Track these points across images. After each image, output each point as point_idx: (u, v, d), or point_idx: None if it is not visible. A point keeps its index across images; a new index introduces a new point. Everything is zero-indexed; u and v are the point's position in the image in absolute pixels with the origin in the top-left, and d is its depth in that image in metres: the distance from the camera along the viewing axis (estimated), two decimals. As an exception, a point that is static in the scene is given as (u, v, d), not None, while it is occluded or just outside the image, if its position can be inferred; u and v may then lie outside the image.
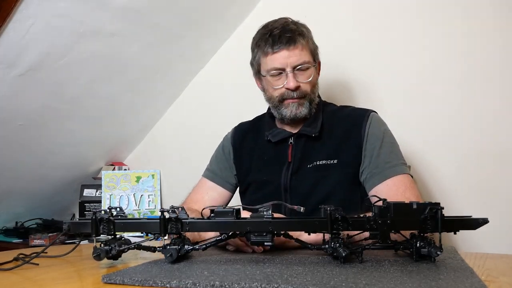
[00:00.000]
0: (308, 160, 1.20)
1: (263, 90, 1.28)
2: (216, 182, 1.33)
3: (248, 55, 1.29)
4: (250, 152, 1.31)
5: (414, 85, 1.63)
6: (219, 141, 1.43)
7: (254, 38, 1.25)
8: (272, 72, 1.19)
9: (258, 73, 1.26)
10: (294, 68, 1.17)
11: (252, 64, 1.28)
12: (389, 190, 1.10)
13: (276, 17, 1.28)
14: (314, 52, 1.23)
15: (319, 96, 1.32)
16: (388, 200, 0.80)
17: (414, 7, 1.63)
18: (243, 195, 1.32)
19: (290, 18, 1.25)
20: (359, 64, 1.72)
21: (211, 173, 1.36)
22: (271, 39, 1.18)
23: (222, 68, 2.03)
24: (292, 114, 1.20)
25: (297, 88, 1.18)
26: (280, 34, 1.17)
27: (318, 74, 1.28)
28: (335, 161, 1.17)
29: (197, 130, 2.10)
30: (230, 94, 2.01)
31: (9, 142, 1.81)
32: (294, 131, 1.25)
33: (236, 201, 1.36)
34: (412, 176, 1.17)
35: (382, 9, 1.68)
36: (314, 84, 1.22)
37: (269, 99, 1.25)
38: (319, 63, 1.29)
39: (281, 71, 1.18)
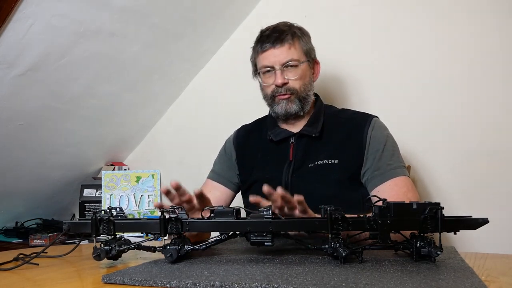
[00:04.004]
0: (309, 159, 1.22)
1: (260, 88, 1.31)
2: (219, 182, 1.36)
3: (248, 55, 1.33)
4: (254, 151, 1.33)
5: (413, 85, 1.62)
6: (219, 140, 1.44)
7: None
8: (263, 69, 1.25)
9: (255, 72, 1.31)
10: (282, 65, 1.21)
11: (251, 62, 1.33)
12: (391, 190, 1.13)
13: (276, 17, 1.32)
14: (307, 52, 1.26)
15: (317, 96, 1.34)
16: (390, 199, 0.81)
17: (415, 7, 1.62)
18: (245, 194, 1.33)
19: (289, 22, 1.29)
20: (358, 64, 1.72)
21: (214, 174, 1.39)
22: (262, 39, 1.26)
23: (222, 68, 2.03)
24: (283, 110, 1.24)
25: (284, 85, 1.22)
26: (269, 34, 1.24)
27: (315, 74, 1.31)
28: (336, 161, 1.19)
29: (197, 130, 2.11)
30: (229, 94, 2.01)
31: (9, 142, 1.81)
32: (296, 131, 1.27)
33: (238, 201, 1.36)
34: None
35: (383, 10, 1.68)
36: (305, 82, 1.25)
37: (264, 96, 1.30)
38: (317, 64, 1.32)
39: (270, 68, 1.24)
